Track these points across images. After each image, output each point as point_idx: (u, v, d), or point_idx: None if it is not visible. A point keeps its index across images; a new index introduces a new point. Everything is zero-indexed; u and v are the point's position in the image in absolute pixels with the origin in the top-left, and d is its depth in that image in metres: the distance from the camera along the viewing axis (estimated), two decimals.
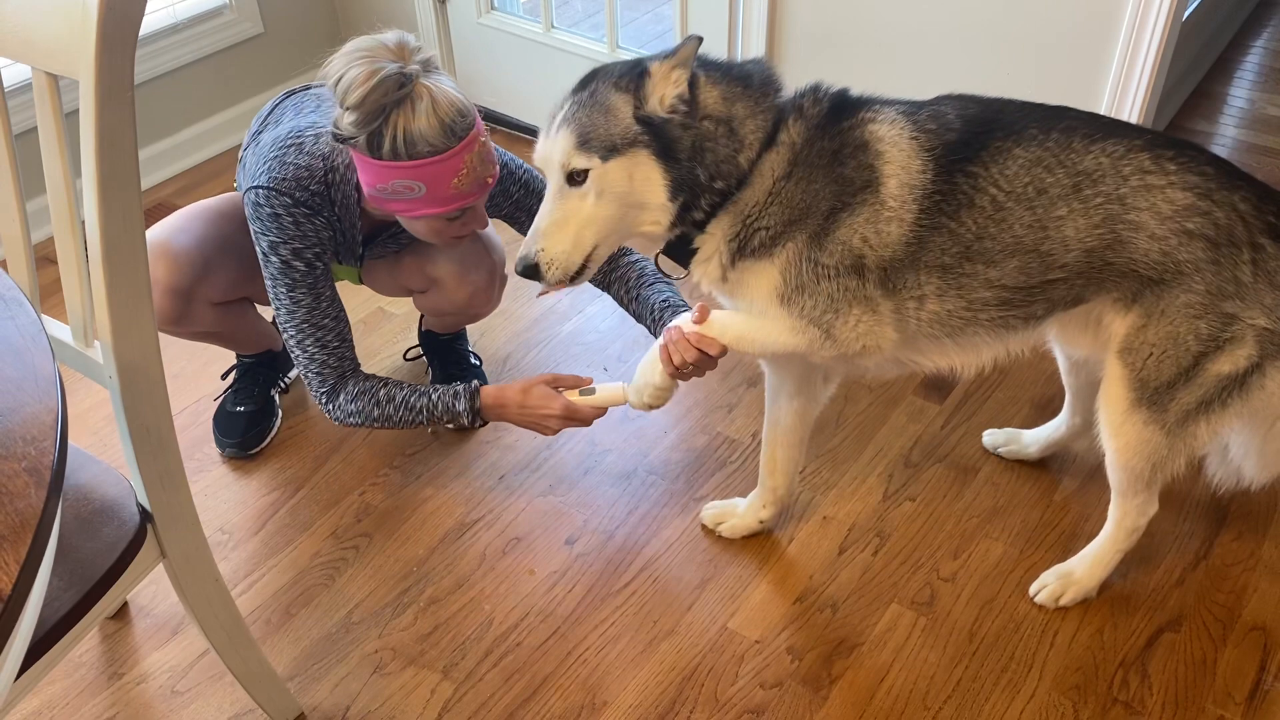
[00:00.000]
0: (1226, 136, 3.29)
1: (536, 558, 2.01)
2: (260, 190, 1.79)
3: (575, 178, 1.47)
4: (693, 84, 1.46)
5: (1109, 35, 2.25)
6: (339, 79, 1.66)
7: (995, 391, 2.34)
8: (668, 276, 1.70)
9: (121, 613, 1.91)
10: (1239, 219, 1.50)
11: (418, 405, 1.90)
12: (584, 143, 1.45)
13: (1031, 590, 1.91)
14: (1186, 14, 2.90)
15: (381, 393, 1.90)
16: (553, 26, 3.03)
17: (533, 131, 3.19)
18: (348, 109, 1.66)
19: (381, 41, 1.69)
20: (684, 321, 1.67)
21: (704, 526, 2.06)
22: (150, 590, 1.94)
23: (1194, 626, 1.86)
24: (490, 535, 2.05)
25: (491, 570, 1.99)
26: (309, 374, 1.90)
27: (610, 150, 1.45)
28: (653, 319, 1.95)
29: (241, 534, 2.07)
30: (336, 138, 1.72)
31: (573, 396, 1.87)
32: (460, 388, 1.91)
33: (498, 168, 1.83)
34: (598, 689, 1.78)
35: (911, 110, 1.56)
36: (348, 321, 1.92)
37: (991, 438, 2.20)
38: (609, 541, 2.04)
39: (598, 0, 3.71)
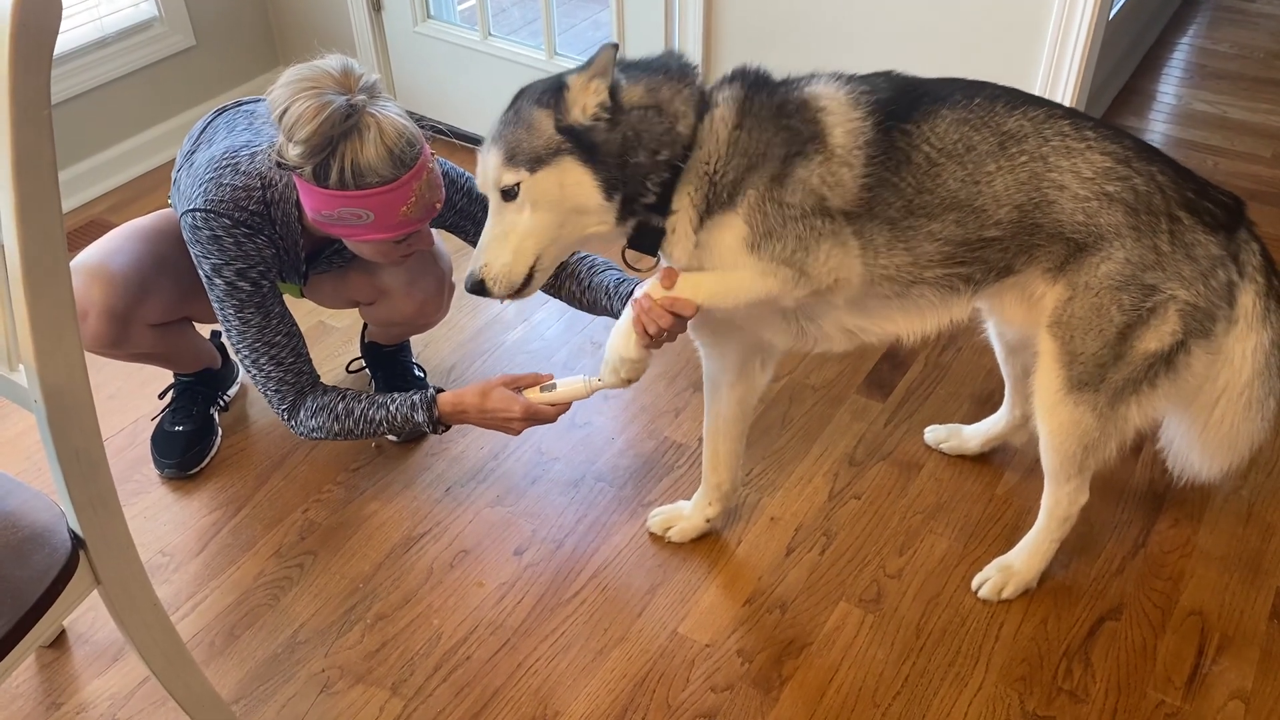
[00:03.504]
0: (1156, 132, 3.36)
1: (485, 569, 2.00)
2: (198, 213, 1.76)
3: (509, 193, 1.51)
4: (615, 89, 1.50)
5: (1036, 34, 2.29)
6: (284, 111, 1.64)
7: (936, 388, 2.37)
8: (634, 268, 1.69)
9: (59, 641, 1.87)
10: (1157, 189, 1.57)
11: (376, 418, 1.89)
12: (510, 158, 1.50)
13: (974, 584, 1.93)
14: (1113, 12, 2.96)
15: (340, 407, 1.89)
16: (490, 34, 3.02)
17: (471, 139, 3.19)
18: (295, 142, 1.64)
19: (325, 70, 1.66)
20: (651, 288, 1.63)
21: (652, 534, 2.06)
22: (88, 617, 1.90)
23: (1134, 614, 1.89)
24: (438, 548, 2.04)
25: (439, 584, 1.97)
26: (267, 391, 1.88)
27: (536, 162, 1.49)
28: (609, 297, 1.95)
29: (183, 556, 2.03)
30: (281, 166, 1.70)
31: (533, 395, 1.85)
32: (416, 398, 1.89)
33: (444, 192, 1.82)
34: (549, 699, 1.77)
35: (843, 77, 1.62)
36: (300, 335, 1.90)
37: (933, 434, 2.23)
38: (558, 551, 2.03)
39: (535, 8, 3.70)
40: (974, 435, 2.18)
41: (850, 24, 2.49)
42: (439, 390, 1.92)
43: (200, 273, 1.81)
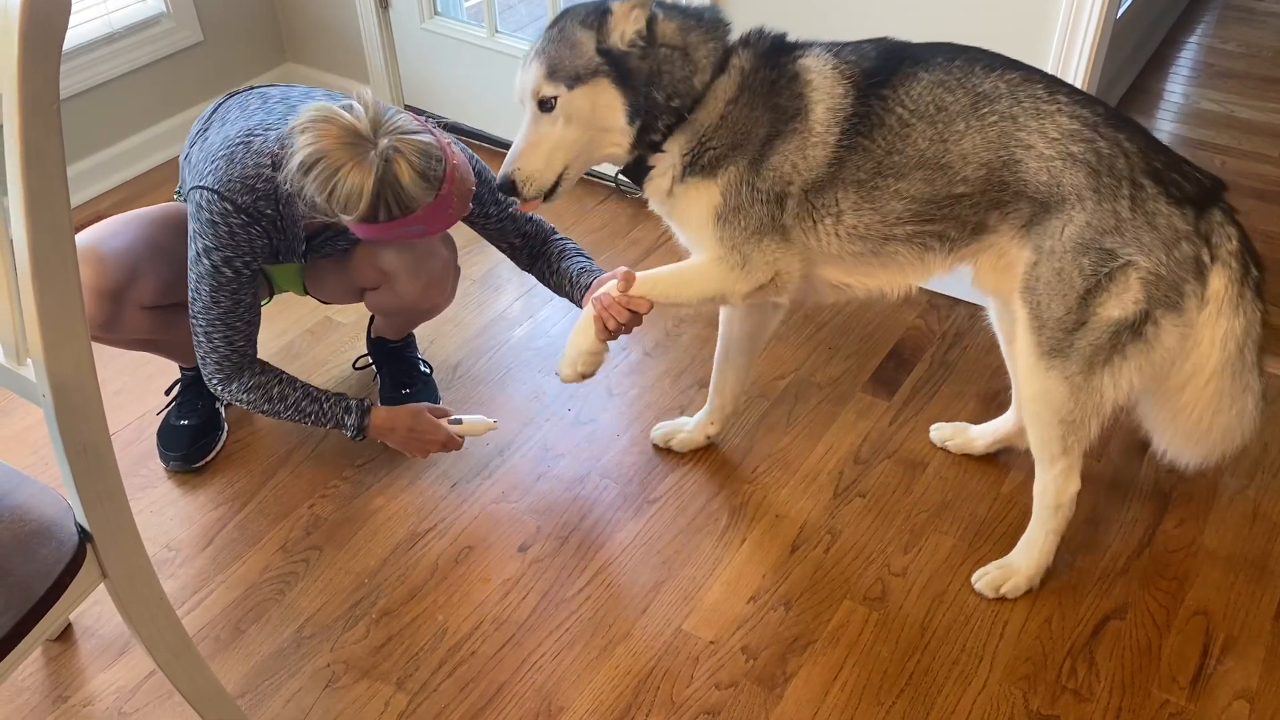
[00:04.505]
0: (1163, 131, 3.35)
1: (490, 565, 2.00)
2: (205, 191, 1.79)
3: (546, 105, 1.67)
4: (651, 21, 1.66)
5: (1044, 33, 2.28)
6: (331, 190, 1.67)
7: (942, 386, 2.37)
8: (624, 190, 1.82)
9: (65, 634, 1.88)
10: (1121, 154, 1.60)
11: (308, 410, 1.96)
12: (552, 73, 1.65)
13: (973, 579, 1.93)
14: (1120, 11, 2.95)
15: (275, 390, 1.94)
16: (496, 31, 3.02)
17: (477, 136, 3.19)
18: (351, 213, 1.69)
19: (346, 126, 1.67)
20: (611, 289, 1.82)
21: (655, 446, 2.22)
22: (95, 610, 1.90)
23: (1139, 613, 1.89)
24: (443, 544, 2.04)
25: (444, 580, 1.97)
26: (207, 360, 1.91)
27: (575, 80, 1.65)
28: (572, 284, 2.06)
29: (188, 550, 2.04)
30: (327, 225, 1.82)
31: (444, 424, 2.04)
32: (352, 402, 1.98)
33: (472, 172, 1.84)
34: (553, 695, 1.78)
35: (836, 47, 1.74)
36: (258, 323, 1.94)
37: (939, 432, 2.23)
38: (562, 547, 2.03)
39: (541, 4, 3.70)
40: (980, 435, 2.18)
41: (853, 22, 2.48)
42: (431, 394, 2.02)
43: (191, 247, 1.84)
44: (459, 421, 2.06)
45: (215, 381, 1.93)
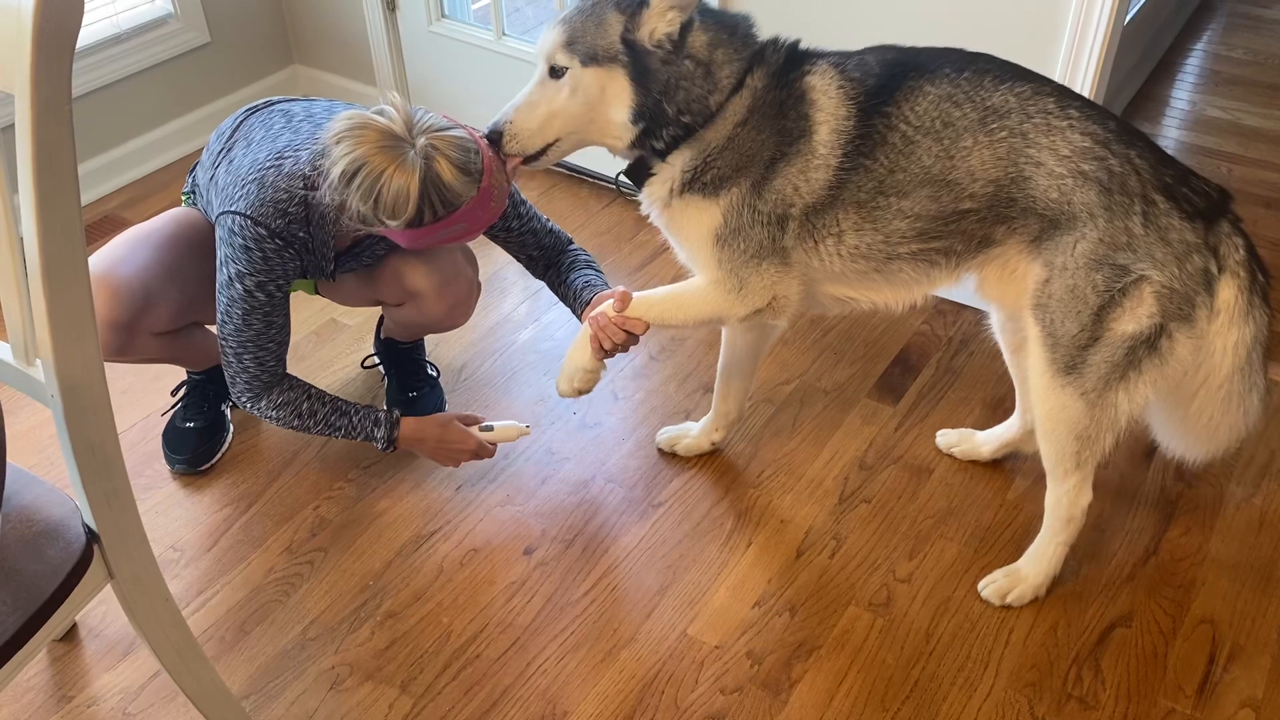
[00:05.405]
0: (1170, 138, 3.35)
1: (495, 568, 2.00)
2: (237, 216, 1.78)
3: (556, 71, 1.64)
4: (686, 26, 1.61)
5: (1052, 40, 2.28)
6: (377, 196, 1.66)
7: (948, 392, 2.37)
8: (624, 192, 1.81)
9: (71, 634, 1.88)
10: (1133, 171, 1.59)
11: (337, 424, 1.96)
12: (570, 43, 1.62)
13: (979, 586, 1.93)
14: (1128, 18, 2.95)
15: (304, 406, 1.94)
16: (504, 34, 3.02)
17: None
18: (400, 218, 1.69)
19: (382, 128, 1.67)
20: (607, 309, 1.81)
21: (660, 451, 2.22)
22: (100, 611, 1.90)
23: (1145, 621, 1.89)
24: (448, 547, 2.04)
25: (449, 582, 1.97)
26: (236, 380, 1.91)
27: (590, 58, 1.62)
28: (574, 298, 2.06)
29: (194, 551, 2.04)
30: (357, 241, 1.86)
31: (474, 432, 2.05)
32: (381, 414, 1.97)
33: (506, 162, 1.83)
34: (558, 699, 1.78)
35: (841, 61, 1.70)
36: (288, 340, 1.93)
37: (945, 438, 2.22)
38: (567, 550, 2.03)
39: (549, 7, 3.70)
40: (986, 441, 2.18)
41: (861, 26, 2.48)
42: (438, 396, 2.02)
43: (221, 271, 1.83)
44: (490, 428, 2.06)
45: (244, 400, 1.93)
